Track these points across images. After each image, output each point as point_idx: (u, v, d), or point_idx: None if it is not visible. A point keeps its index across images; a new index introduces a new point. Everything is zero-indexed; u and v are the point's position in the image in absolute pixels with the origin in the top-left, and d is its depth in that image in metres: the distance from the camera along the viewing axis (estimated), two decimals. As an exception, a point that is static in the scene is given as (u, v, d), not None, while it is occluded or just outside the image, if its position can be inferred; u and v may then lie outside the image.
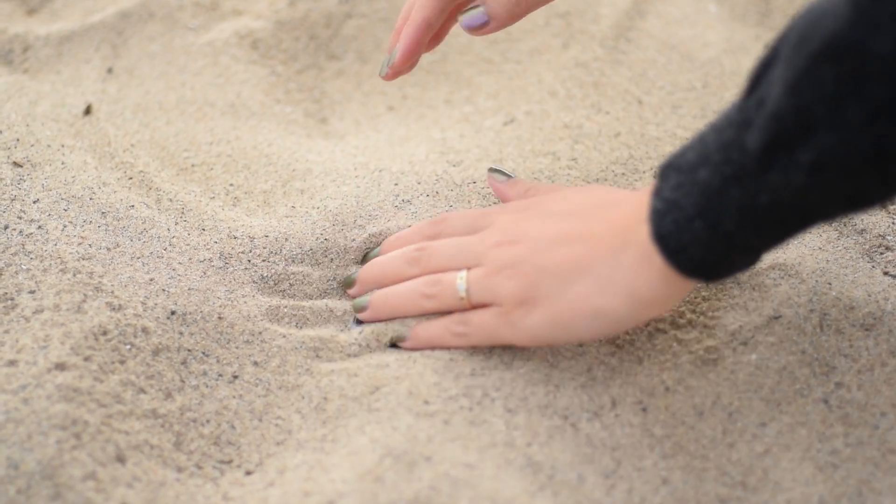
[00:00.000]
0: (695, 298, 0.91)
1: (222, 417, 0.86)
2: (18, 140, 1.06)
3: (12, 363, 0.84)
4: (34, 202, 0.98)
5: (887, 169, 0.68)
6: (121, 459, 0.80)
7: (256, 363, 0.89)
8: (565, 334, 0.81)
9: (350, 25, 1.31)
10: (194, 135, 1.13)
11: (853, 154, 0.67)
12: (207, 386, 0.87)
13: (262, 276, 0.95)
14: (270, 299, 0.94)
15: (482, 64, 1.26)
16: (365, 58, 1.29)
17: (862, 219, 0.99)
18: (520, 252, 0.83)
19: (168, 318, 0.90)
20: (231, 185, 1.06)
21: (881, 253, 0.96)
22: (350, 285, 0.94)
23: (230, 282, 0.94)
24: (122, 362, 0.86)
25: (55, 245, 0.94)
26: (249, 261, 0.96)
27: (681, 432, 0.83)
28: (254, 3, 1.32)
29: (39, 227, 0.96)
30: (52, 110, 1.13)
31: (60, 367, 0.83)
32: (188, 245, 0.96)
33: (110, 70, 1.22)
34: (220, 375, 0.88)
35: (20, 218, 0.96)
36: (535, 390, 0.84)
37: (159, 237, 0.97)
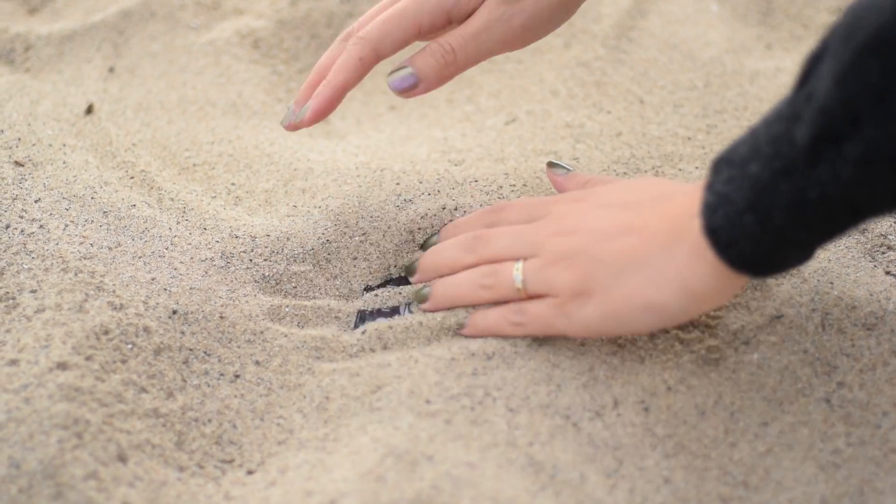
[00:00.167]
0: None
1: (224, 417, 0.86)
2: (20, 139, 1.06)
3: (14, 362, 0.84)
4: (36, 201, 0.98)
5: None
6: (122, 459, 0.80)
7: (258, 363, 0.89)
8: (618, 327, 0.82)
9: (351, 24, 1.31)
10: (196, 134, 1.13)
11: None
12: (209, 385, 0.87)
13: (264, 276, 0.95)
14: (272, 299, 0.94)
15: (484, 63, 1.26)
16: (366, 57, 1.29)
17: (864, 218, 0.99)
18: (576, 243, 0.83)
19: (170, 318, 0.90)
20: (232, 185, 1.06)
21: (883, 252, 0.96)
22: (412, 273, 0.94)
23: (232, 281, 0.94)
24: (124, 362, 0.86)
25: (57, 244, 0.94)
26: (251, 260, 0.96)
27: (683, 432, 0.83)
28: (255, 3, 1.31)
29: (41, 227, 0.96)
30: (54, 110, 1.13)
31: (62, 367, 0.83)
32: (190, 244, 0.96)
33: (112, 69, 1.22)
34: (222, 375, 0.88)
35: (22, 217, 0.96)
36: (537, 390, 0.84)
37: (161, 236, 0.97)
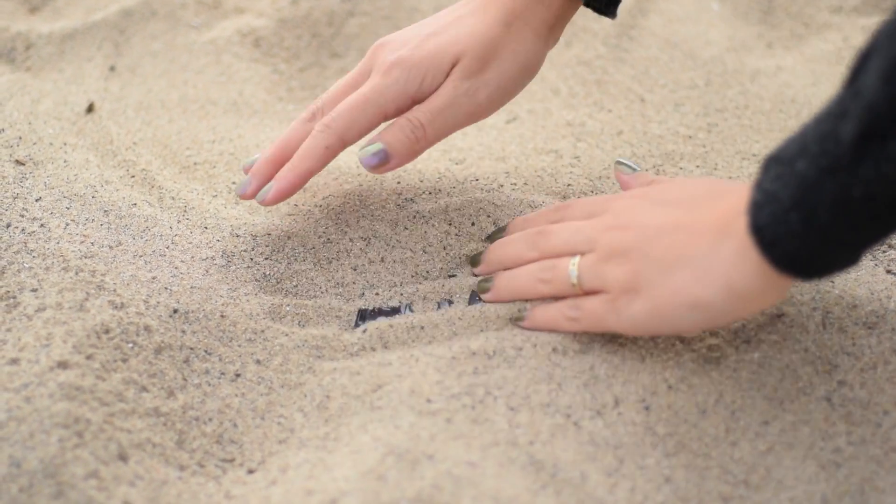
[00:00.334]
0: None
1: (224, 416, 0.86)
2: (21, 138, 1.06)
3: (14, 361, 0.84)
4: (36, 200, 0.98)
5: None
6: (123, 458, 0.80)
7: (259, 361, 0.89)
8: (664, 325, 0.81)
9: (352, 24, 1.31)
10: (196, 133, 1.13)
11: None
12: (210, 384, 0.87)
13: (265, 275, 0.95)
14: (273, 298, 0.94)
15: (484, 62, 1.26)
16: (367, 56, 1.29)
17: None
18: (628, 238, 0.83)
19: (170, 317, 0.90)
20: (233, 184, 1.06)
21: (884, 251, 0.96)
22: (476, 263, 0.95)
23: (232, 280, 0.94)
24: (125, 361, 0.86)
25: (57, 243, 0.94)
26: (252, 259, 0.96)
27: (683, 430, 0.83)
28: (256, 2, 1.31)
29: (42, 226, 0.96)
30: (55, 108, 1.13)
31: (62, 366, 0.83)
32: (190, 243, 0.96)
33: (112, 68, 1.22)
34: (223, 374, 0.88)
35: (22, 216, 0.96)
36: (538, 388, 0.84)
37: (161, 235, 0.97)
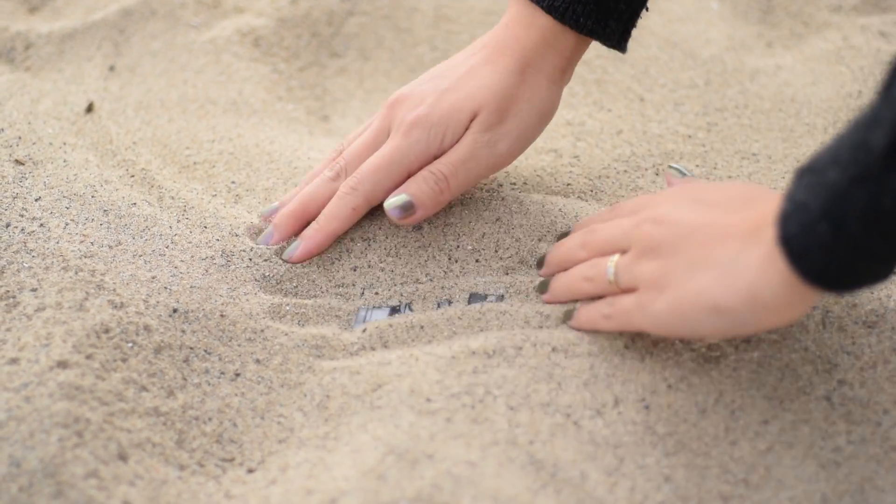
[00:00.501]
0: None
1: (224, 415, 0.86)
2: (20, 138, 1.06)
3: (14, 361, 0.84)
4: (36, 200, 0.98)
5: None
6: (123, 457, 0.80)
7: (258, 361, 0.89)
8: (685, 326, 0.80)
9: (352, 23, 1.31)
10: (196, 132, 1.13)
11: None
12: (209, 384, 0.87)
13: (264, 275, 0.95)
14: (272, 297, 0.94)
15: (484, 61, 1.26)
16: (367, 55, 1.29)
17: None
18: (661, 234, 0.82)
19: (170, 316, 0.90)
20: (233, 183, 1.06)
21: (884, 250, 0.96)
22: (541, 265, 0.95)
23: (232, 280, 0.94)
24: (124, 360, 0.86)
25: (57, 243, 0.94)
26: (251, 259, 0.96)
27: (683, 430, 0.83)
28: (255, 1, 1.31)
29: (41, 225, 0.96)
30: (54, 108, 1.13)
31: (62, 365, 0.83)
32: (190, 243, 0.96)
33: (112, 68, 1.22)
34: (222, 373, 0.88)
35: (22, 216, 0.96)
36: (538, 388, 0.84)
37: (161, 235, 0.97)
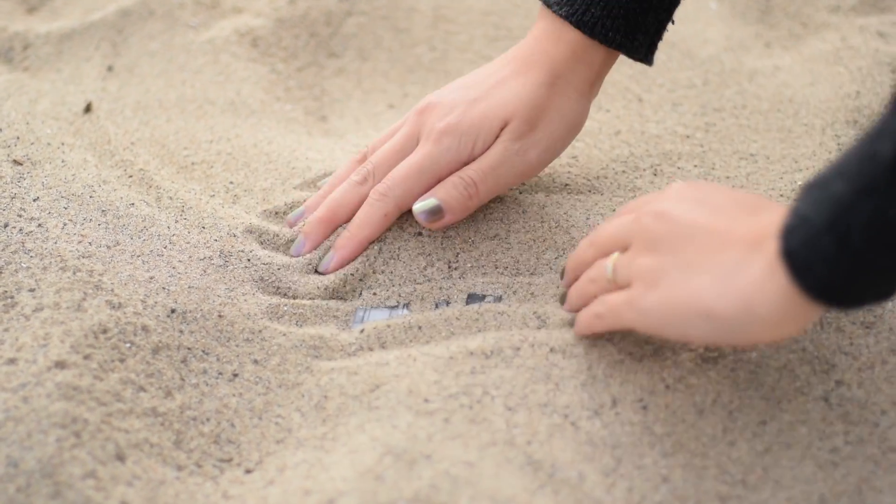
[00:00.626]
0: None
1: (222, 416, 0.86)
2: (18, 138, 1.06)
3: (12, 361, 0.84)
4: (34, 200, 0.98)
5: None
6: (121, 458, 0.80)
7: (256, 361, 0.89)
8: (674, 326, 0.79)
9: (350, 23, 1.31)
10: (194, 133, 1.13)
11: None
12: (207, 384, 0.87)
13: (262, 275, 0.95)
14: (270, 297, 0.94)
15: (482, 62, 1.26)
16: (365, 55, 1.29)
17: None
18: (661, 229, 0.81)
19: (168, 317, 0.90)
20: (231, 183, 1.06)
21: (882, 251, 0.96)
22: (563, 276, 0.94)
23: (230, 280, 0.94)
24: (122, 360, 0.86)
25: (55, 243, 0.94)
26: (249, 259, 0.96)
27: (681, 430, 0.83)
28: (254, 1, 1.31)
29: (39, 226, 0.96)
30: (53, 108, 1.13)
31: (60, 366, 0.83)
32: (188, 243, 0.96)
33: (110, 68, 1.22)
34: (220, 374, 0.88)
35: (20, 216, 0.96)
36: (536, 388, 0.84)
37: (159, 235, 0.97)
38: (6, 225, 0.95)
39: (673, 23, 0.97)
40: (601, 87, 1.06)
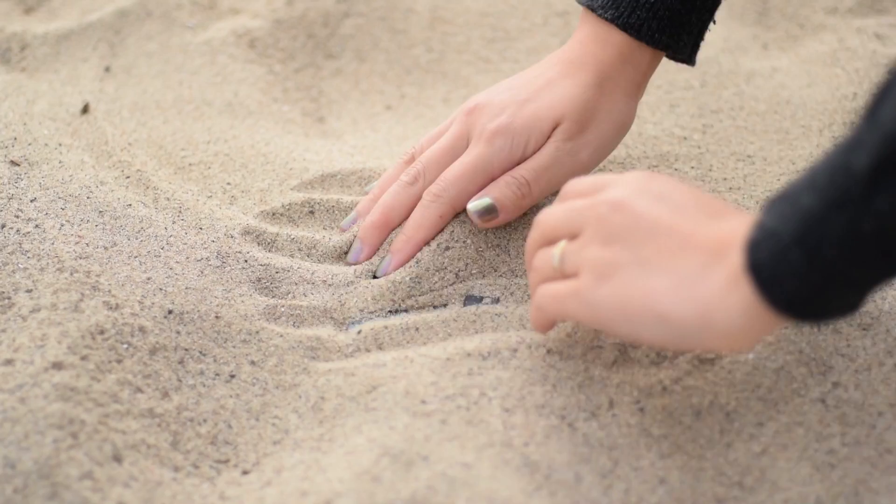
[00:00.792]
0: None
1: (219, 417, 0.86)
2: (16, 139, 1.06)
3: (9, 362, 0.84)
4: (31, 201, 0.98)
5: None
6: (118, 459, 0.80)
7: (253, 362, 0.89)
8: (625, 325, 0.77)
9: (348, 24, 1.31)
10: (192, 134, 1.13)
11: None
12: (204, 385, 0.87)
13: (259, 276, 0.95)
14: (267, 299, 0.94)
15: (480, 63, 1.26)
16: (362, 57, 1.29)
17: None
18: (618, 222, 0.78)
19: (165, 318, 0.90)
20: (228, 184, 1.06)
21: (879, 252, 0.96)
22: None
23: (227, 281, 0.94)
24: (119, 361, 0.86)
25: (52, 244, 0.94)
26: (246, 260, 0.96)
27: (678, 432, 0.83)
28: (251, 2, 1.31)
29: (37, 226, 0.96)
30: (50, 109, 1.13)
31: (57, 367, 0.83)
32: (185, 244, 0.96)
33: (108, 69, 1.22)
34: (217, 375, 0.88)
35: (17, 217, 0.96)
36: (533, 390, 0.84)
37: (157, 236, 0.97)
38: (3, 226, 0.95)
39: (714, 23, 0.98)
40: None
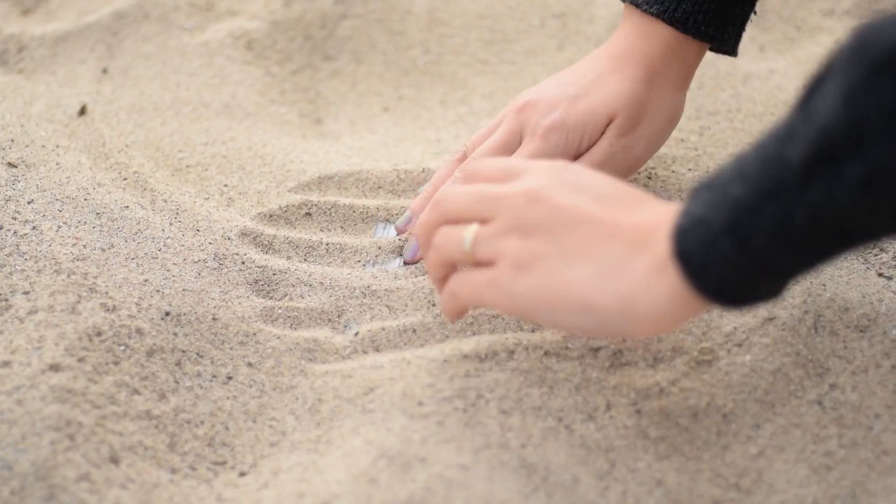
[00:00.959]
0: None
1: (216, 418, 0.86)
2: (13, 140, 1.06)
3: (6, 364, 0.84)
4: (29, 203, 0.98)
5: None
6: (115, 460, 0.80)
7: (250, 364, 0.89)
8: (546, 314, 0.77)
9: (345, 26, 1.31)
10: (189, 135, 1.13)
11: None
12: (201, 387, 0.87)
13: (256, 278, 0.95)
14: (265, 300, 0.94)
15: (477, 65, 1.26)
16: (360, 58, 1.29)
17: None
18: (537, 214, 0.78)
19: (162, 319, 0.90)
20: (225, 186, 1.06)
21: (875, 254, 0.96)
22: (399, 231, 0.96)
23: (224, 283, 0.94)
24: (117, 363, 0.86)
25: (49, 246, 0.94)
26: (244, 262, 0.96)
27: (675, 434, 0.83)
28: (249, 4, 1.31)
29: (34, 228, 0.96)
30: (47, 111, 1.13)
31: (54, 368, 0.83)
32: (182, 246, 0.96)
33: (105, 70, 1.22)
34: (215, 376, 0.88)
35: (14, 219, 0.96)
36: (530, 392, 0.84)
37: (154, 238, 0.97)
38: (0, 227, 0.95)
39: (755, 13, 0.99)
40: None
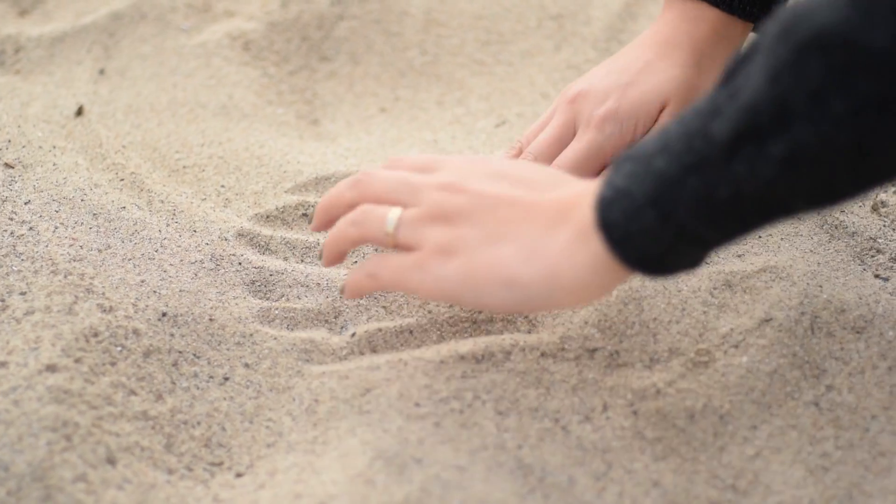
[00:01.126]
0: (688, 299, 0.91)
1: (213, 419, 0.86)
2: (10, 141, 1.06)
3: (3, 365, 0.84)
4: (25, 203, 0.98)
5: (861, 165, 0.67)
6: (111, 461, 0.80)
7: (247, 365, 0.89)
8: (473, 295, 0.78)
9: (342, 27, 1.31)
10: (186, 136, 1.13)
11: (830, 148, 0.66)
12: (198, 388, 0.87)
13: (253, 279, 0.95)
14: (261, 301, 0.94)
15: (474, 66, 1.26)
16: (357, 59, 1.29)
17: (853, 221, 0.99)
18: (459, 202, 0.79)
19: (159, 320, 0.90)
20: (222, 187, 1.06)
21: (872, 256, 0.96)
22: (310, 222, 0.93)
23: (221, 283, 0.94)
24: (113, 364, 0.86)
25: (46, 246, 0.94)
26: (240, 263, 0.96)
27: (672, 435, 0.83)
28: (246, 5, 1.31)
29: (31, 229, 0.96)
30: (44, 111, 1.13)
31: (51, 369, 0.83)
32: (179, 246, 0.96)
33: (102, 71, 1.22)
34: (211, 377, 0.88)
35: (11, 219, 0.96)
36: (526, 393, 0.84)
37: (150, 239, 0.96)
38: (-3, 228, 0.95)
39: None
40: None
